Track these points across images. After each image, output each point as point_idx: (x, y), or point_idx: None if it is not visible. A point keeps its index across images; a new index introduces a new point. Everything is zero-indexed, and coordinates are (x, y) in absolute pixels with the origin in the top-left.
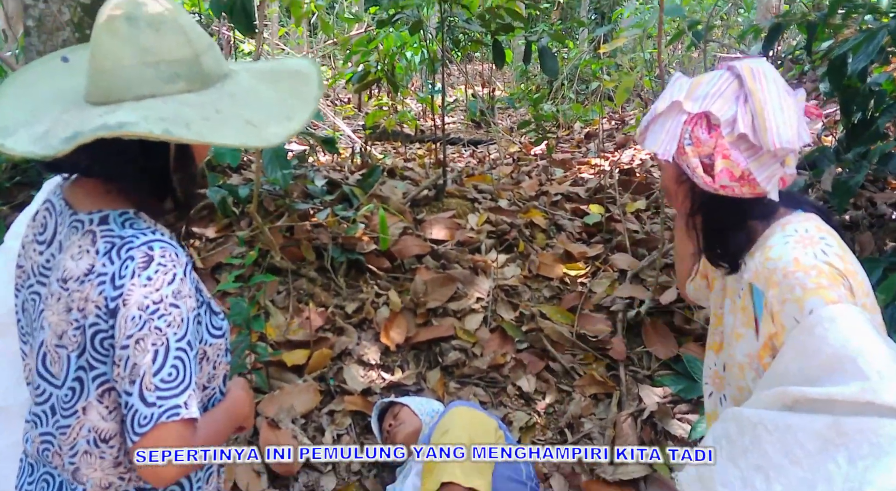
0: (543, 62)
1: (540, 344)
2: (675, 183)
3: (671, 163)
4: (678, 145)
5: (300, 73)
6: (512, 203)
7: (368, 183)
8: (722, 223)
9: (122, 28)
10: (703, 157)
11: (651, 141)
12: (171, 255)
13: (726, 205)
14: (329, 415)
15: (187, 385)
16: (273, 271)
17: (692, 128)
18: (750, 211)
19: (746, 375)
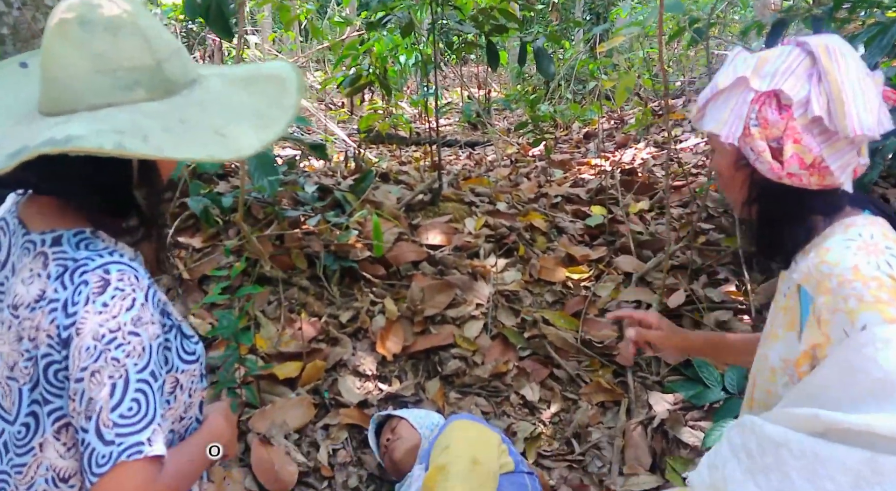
0: (539, 63)
1: (543, 351)
2: (732, 169)
3: (730, 146)
4: (744, 126)
5: (278, 78)
6: (511, 206)
7: (361, 188)
8: (782, 215)
9: (75, 33)
10: (771, 140)
11: (711, 120)
12: (129, 278)
13: (789, 196)
14: (324, 429)
15: (150, 420)
16: (263, 281)
17: (759, 107)
18: (813, 204)
19: (778, 380)
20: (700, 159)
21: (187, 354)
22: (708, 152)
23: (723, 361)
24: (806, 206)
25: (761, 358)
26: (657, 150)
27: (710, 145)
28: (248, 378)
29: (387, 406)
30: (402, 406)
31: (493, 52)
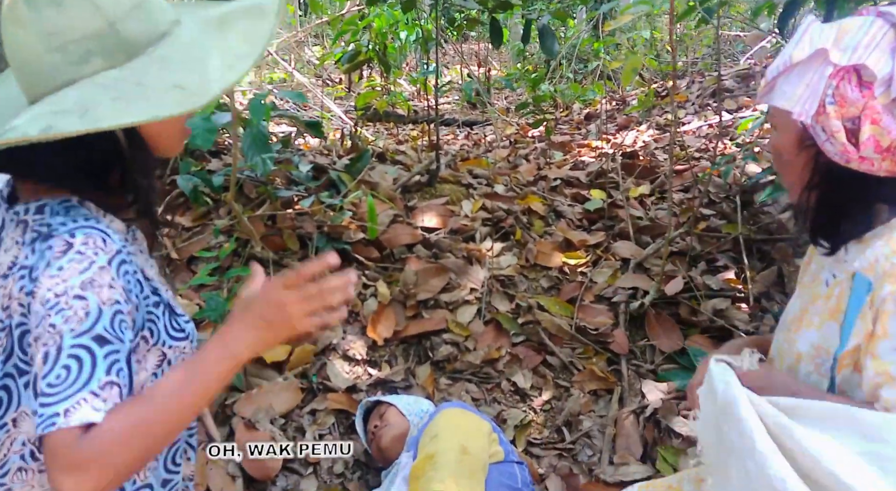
0: (543, 41)
1: (537, 337)
2: (795, 149)
3: (795, 124)
4: (819, 103)
5: (257, 9)
6: (509, 188)
7: (357, 168)
8: (845, 202)
9: (23, 13)
10: (847, 120)
11: (782, 96)
12: (94, 241)
13: (855, 181)
14: (311, 414)
15: (80, 387)
16: (253, 262)
17: (838, 83)
18: (880, 192)
19: (801, 368)
20: (703, 143)
21: (176, 331)
22: (713, 136)
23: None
24: (871, 194)
25: (785, 342)
26: (659, 133)
27: (771, 123)
28: None
29: (376, 391)
30: (392, 392)
31: (497, 29)
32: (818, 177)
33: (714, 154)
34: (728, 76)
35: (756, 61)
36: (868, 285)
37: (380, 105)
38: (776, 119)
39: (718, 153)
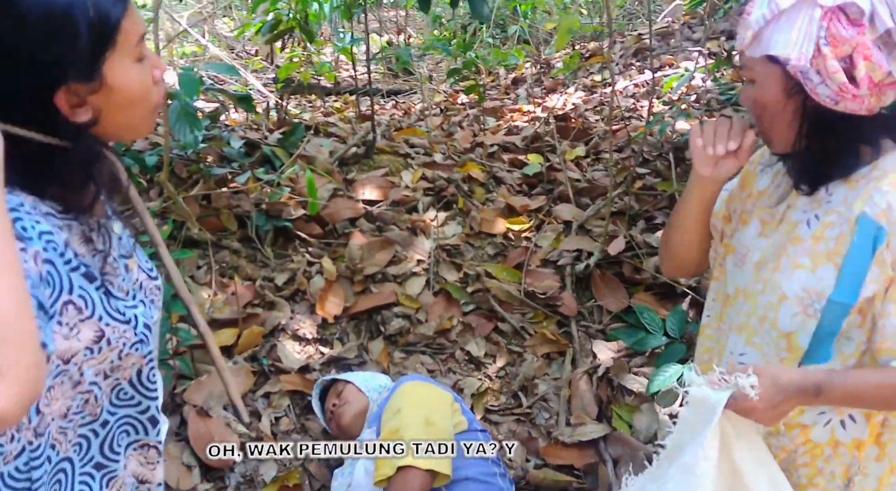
0: (473, 6)
1: (487, 305)
2: (781, 99)
3: (778, 74)
4: (814, 46)
5: None
6: (447, 157)
7: (291, 142)
8: (836, 145)
9: None
10: (841, 59)
11: (776, 44)
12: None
13: (842, 123)
14: (265, 397)
15: None
16: (191, 245)
17: (828, 24)
18: (864, 132)
19: (784, 308)
20: (632, 103)
21: (115, 312)
22: (641, 95)
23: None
24: (858, 134)
25: (758, 282)
26: (587, 95)
27: (748, 77)
28: (182, 348)
29: (329, 370)
30: (346, 369)
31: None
32: (807, 123)
33: (644, 114)
34: (647, 35)
35: (673, 20)
36: (878, 230)
37: (303, 76)
38: (756, 72)
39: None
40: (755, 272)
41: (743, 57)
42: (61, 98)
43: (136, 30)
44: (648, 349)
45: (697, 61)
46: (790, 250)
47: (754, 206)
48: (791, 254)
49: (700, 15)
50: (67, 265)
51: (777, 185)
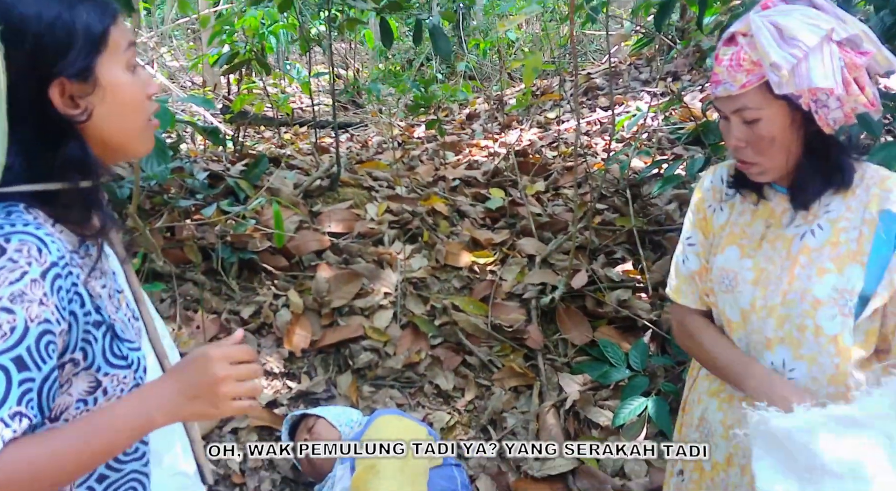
0: (435, 42)
1: (455, 338)
2: (788, 130)
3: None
4: (842, 75)
5: None
6: (410, 190)
7: (255, 174)
8: (839, 164)
9: None
10: (857, 82)
11: (818, 77)
12: (29, 250)
13: (836, 145)
14: (232, 433)
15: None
16: (154, 277)
17: (844, 55)
18: (847, 150)
19: (821, 313)
20: (585, 140)
21: (116, 358)
22: (594, 133)
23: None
24: (845, 151)
25: (788, 295)
26: (542, 131)
27: (749, 117)
28: None
29: (297, 405)
30: (315, 404)
31: (387, 29)
32: (811, 146)
33: (598, 150)
34: (597, 74)
35: (620, 60)
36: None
37: (257, 107)
38: (758, 112)
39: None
40: (761, 289)
41: (735, 101)
42: (55, 91)
43: (125, 37)
44: (613, 382)
45: (650, 101)
46: (802, 261)
47: (721, 238)
48: (805, 264)
49: (646, 56)
50: (86, 317)
51: (740, 214)
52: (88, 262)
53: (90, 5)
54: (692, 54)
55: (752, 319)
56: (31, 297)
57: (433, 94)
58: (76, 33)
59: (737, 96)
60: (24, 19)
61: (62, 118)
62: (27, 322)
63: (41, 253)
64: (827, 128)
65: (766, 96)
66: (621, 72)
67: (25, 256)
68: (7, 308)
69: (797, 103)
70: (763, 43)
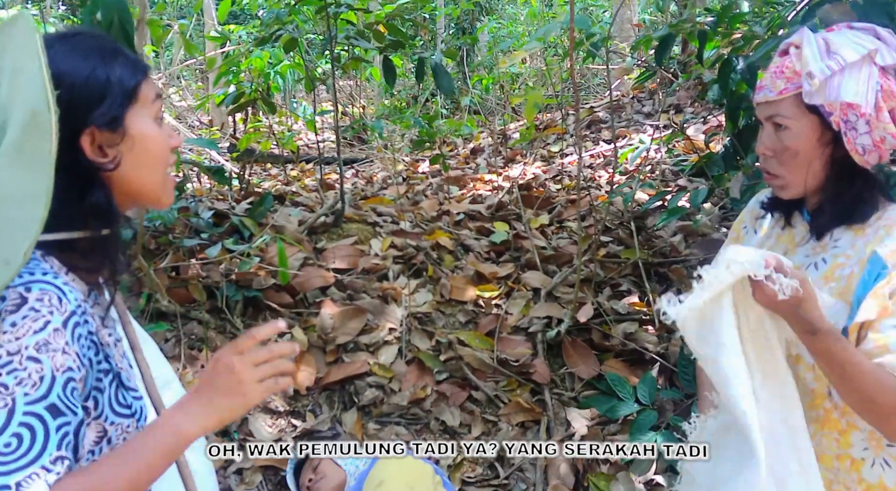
0: (438, 79)
1: (460, 373)
2: (815, 147)
3: (815, 123)
4: (875, 98)
5: (33, 119)
6: (415, 225)
7: (260, 212)
8: (859, 195)
9: None
10: (890, 112)
11: (848, 92)
12: (50, 299)
13: (862, 176)
14: (237, 473)
15: (31, 460)
16: (159, 317)
17: (882, 80)
18: (877, 183)
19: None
20: (588, 173)
21: (121, 406)
22: (598, 166)
23: None
24: (873, 184)
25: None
26: (545, 165)
27: (780, 124)
28: None
29: None
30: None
31: (390, 67)
32: (836, 171)
33: (602, 183)
34: (600, 108)
35: (622, 93)
36: (882, 267)
37: (264, 146)
38: (790, 119)
39: (607, 182)
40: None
41: (771, 107)
42: (86, 139)
43: (153, 90)
44: (621, 416)
45: (653, 134)
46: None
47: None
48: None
49: (648, 89)
50: (98, 365)
51: (768, 237)
52: (98, 310)
53: (124, 61)
54: (694, 87)
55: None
56: (56, 346)
57: (437, 130)
58: (111, 86)
59: (773, 102)
60: (63, 73)
61: (91, 166)
62: (53, 371)
63: (61, 302)
64: (855, 153)
65: (799, 107)
66: (624, 105)
67: (47, 306)
68: (34, 357)
69: (828, 121)
70: (807, 54)
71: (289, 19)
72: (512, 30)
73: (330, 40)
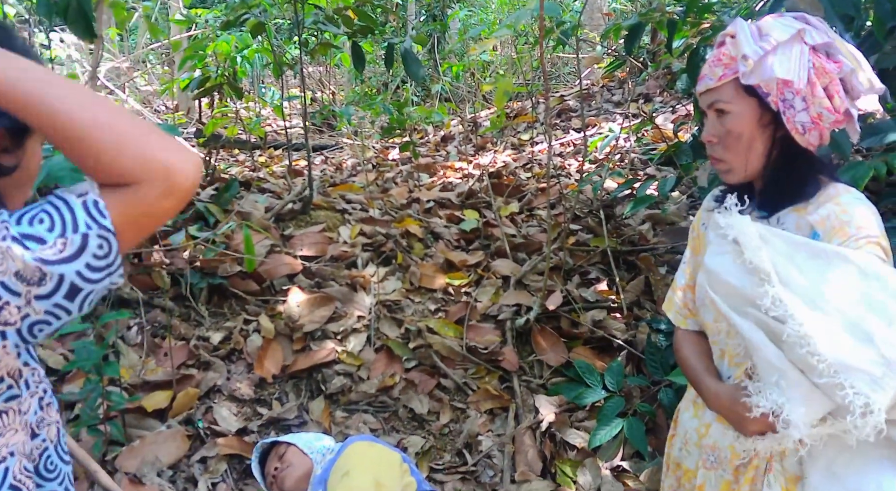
0: (407, 66)
1: (429, 361)
2: (755, 128)
3: (753, 105)
4: (808, 75)
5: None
6: (384, 212)
7: (225, 198)
8: (802, 176)
9: None
10: (823, 89)
11: (780, 69)
12: None
13: (804, 157)
14: (201, 462)
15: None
16: (121, 304)
17: (814, 58)
18: (819, 164)
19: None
20: (558, 161)
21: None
22: (567, 154)
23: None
24: (814, 166)
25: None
26: (515, 153)
27: (719, 109)
28: (113, 413)
29: (268, 432)
30: (287, 431)
31: (359, 53)
32: (776, 153)
33: (572, 171)
34: (570, 97)
35: (592, 82)
36: (814, 235)
37: (230, 131)
38: (731, 103)
39: (577, 170)
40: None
41: (712, 94)
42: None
43: None
44: (589, 403)
45: (622, 123)
46: None
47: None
48: None
49: (618, 78)
50: None
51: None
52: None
53: None
54: (663, 76)
55: (719, 334)
56: None
57: (408, 117)
58: None
59: (713, 89)
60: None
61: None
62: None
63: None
64: (795, 133)
65: (738, 91)
66: (594, 94)
67: None
68: None
69: (767, 102)
70: (741, 39)
71: (255, 2)
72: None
73: (298, 25)
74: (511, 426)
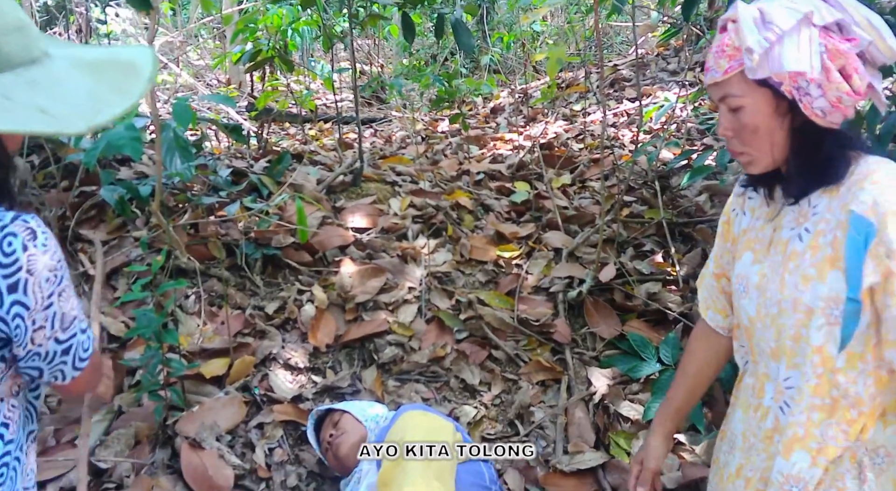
0: (458, 36)
1: (480, 332)
2: (772, 118)
3: (767, 96)
4: (820, 60)
5: (132, 65)
6: (434, 184)
7: (278, 170)
8: (829, 158)
9: None
10: (840, 71)
11: (790, 60)
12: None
13: (831, 135)
14: (258, 428)
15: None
16: (179, 274)
17: (825, 40)
18: (847, 141)
19: (812, 322)
20: (612, 132)
21: None
22: (621, 125)
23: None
24: (844, 143)
25: (783, 303)
26: (567, 124)
27: (732, 105)
28: (173, 379)
29: (322, 399)
30: (340, 398)
31: (409, 24)
32: (799, 140)
33: (626, 142)
34: (623, 66)
35: (647, 51)
36: (868, 225)
37: (281, 105)
38: (742, 99)
39: (631, 141)
40: (760, 296)
41: (721, 88)
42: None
43: None
44: (643, 376)
45: (679, 92)
46: (790, 266)
47: (741, 243)
48: (793, 270)
49: (673, 46)
50: None
51: (757, 218)
52: None
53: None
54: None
55: (758, 326)
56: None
57: (457, 89)
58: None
59: (721, 83)
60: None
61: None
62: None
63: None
64: (816, 118)
65: (748, 83)
66: (648, 63)
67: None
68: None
69: (780, 91)
70: (743, 28)
71: None
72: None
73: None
74: (563, 398)
